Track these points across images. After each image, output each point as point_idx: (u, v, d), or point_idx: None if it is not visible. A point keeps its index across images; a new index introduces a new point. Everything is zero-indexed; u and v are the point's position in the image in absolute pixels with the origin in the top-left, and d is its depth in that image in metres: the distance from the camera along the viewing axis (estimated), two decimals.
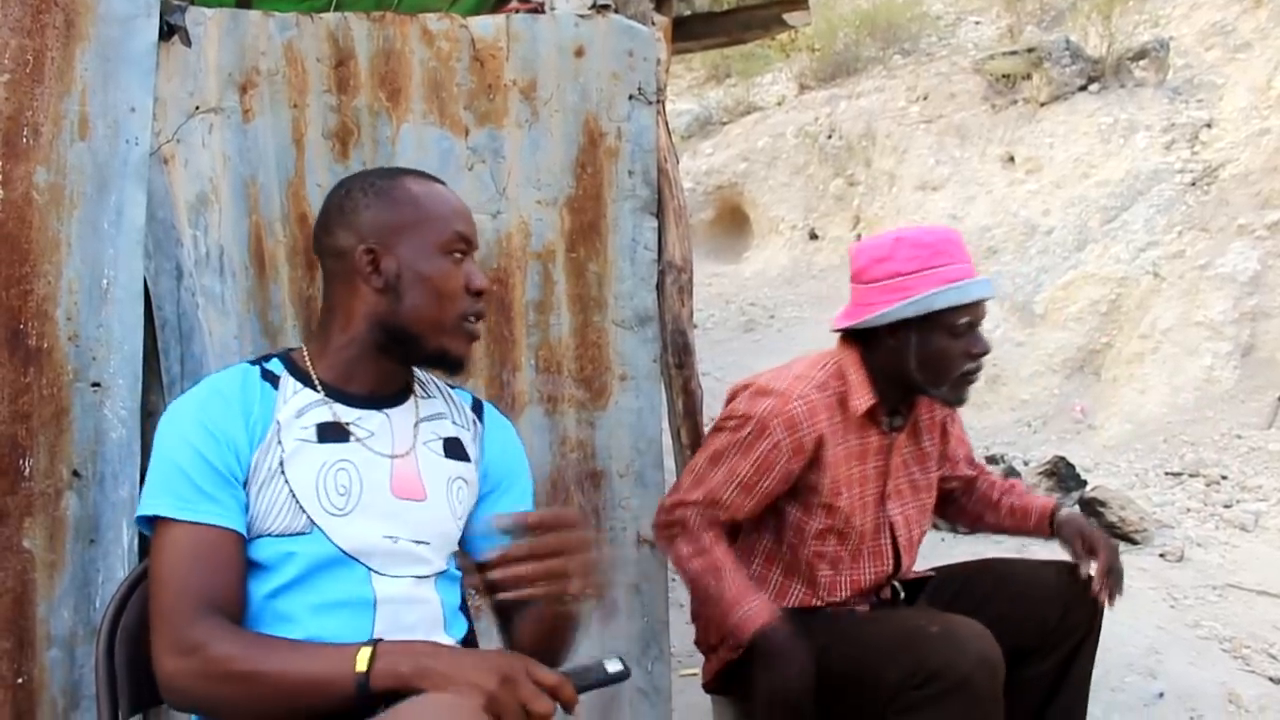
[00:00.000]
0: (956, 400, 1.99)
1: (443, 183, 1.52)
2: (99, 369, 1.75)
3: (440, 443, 1.51)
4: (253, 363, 1.46)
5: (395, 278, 1.42)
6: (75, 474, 1.73)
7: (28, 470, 1.69)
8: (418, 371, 1.57)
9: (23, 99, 1.67)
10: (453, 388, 1.62)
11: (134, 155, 1.76)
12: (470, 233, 1.49)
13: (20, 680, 1.70)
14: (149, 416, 1.81)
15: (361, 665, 1.20)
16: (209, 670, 1.24)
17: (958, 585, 2.08)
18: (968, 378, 1.96)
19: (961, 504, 2.32)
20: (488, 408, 1.64)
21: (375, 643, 1.23)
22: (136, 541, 1.76)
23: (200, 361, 1.85)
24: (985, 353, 1.96)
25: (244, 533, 1.34)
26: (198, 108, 1.87)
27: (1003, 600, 1.97)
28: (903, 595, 2.12)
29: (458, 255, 1.45)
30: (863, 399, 1.97)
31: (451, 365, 1.48)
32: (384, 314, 1.43)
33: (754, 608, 1.87)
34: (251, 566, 1.35)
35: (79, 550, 1.74)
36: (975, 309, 1.95)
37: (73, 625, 1.74)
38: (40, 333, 1.70)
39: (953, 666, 1.67)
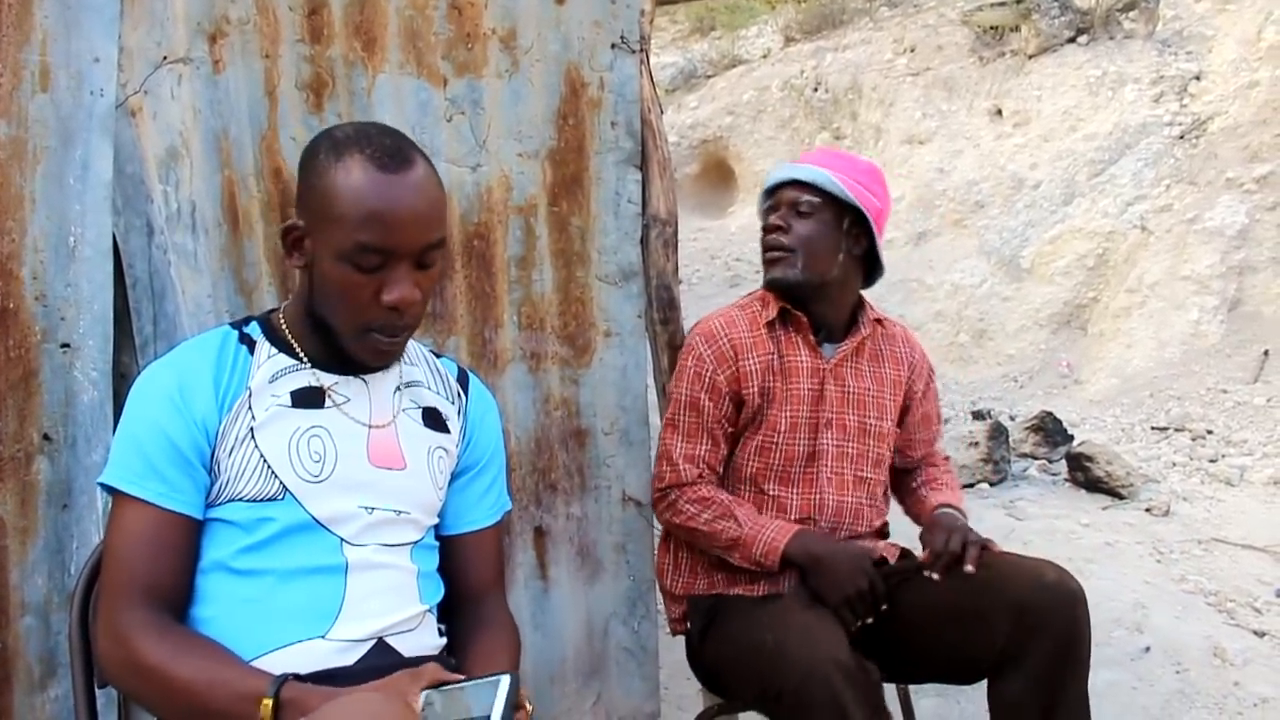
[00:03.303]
0: (768, 275, 2.02)
1: (409, 162, 1.29)
2: (68, 329, 1.69)
3: (419, 411, 1.47)
4: (234, 325, 1.42)
5: (311, 264, 1.33)
6: (46, 437, 1.69)
7: None
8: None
9: None
10: (438, 356, 1.57)
11: (99, 107, 1.70)
12: (387, 242, 1.27)
13: None
14: (121, 378, 1.77)
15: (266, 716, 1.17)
16: (130, 662, 1.23)
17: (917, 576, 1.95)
18: (765, 252, 2.04)
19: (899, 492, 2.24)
20: (473, 380, 1.59)
21: (280, 685, 1.18)
22: (111, 506, 1.72)
23: (174, 321, 1.80)
24: (772, 228, 2.02)
25: (197, 516, 1.31)
26: (165, 58, 1.80)
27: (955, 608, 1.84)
28: None
29: (366, 265, 1.28)
30: (772, 306, 2.03)
31: (360, 368, 1.40)
32: (307, 294, 1.36)
33: (770, 534, 1.91)
34: (224, 525, 1.32)
35: (51, 515, 1.70)
36: (774, 194, 2.04)
37: (47, 592, 1.70)
38: (5, 292, 1.64)
39: (785, 682, 1.65)
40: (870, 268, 2.07)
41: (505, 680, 1.21)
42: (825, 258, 1.99)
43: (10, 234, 1.64)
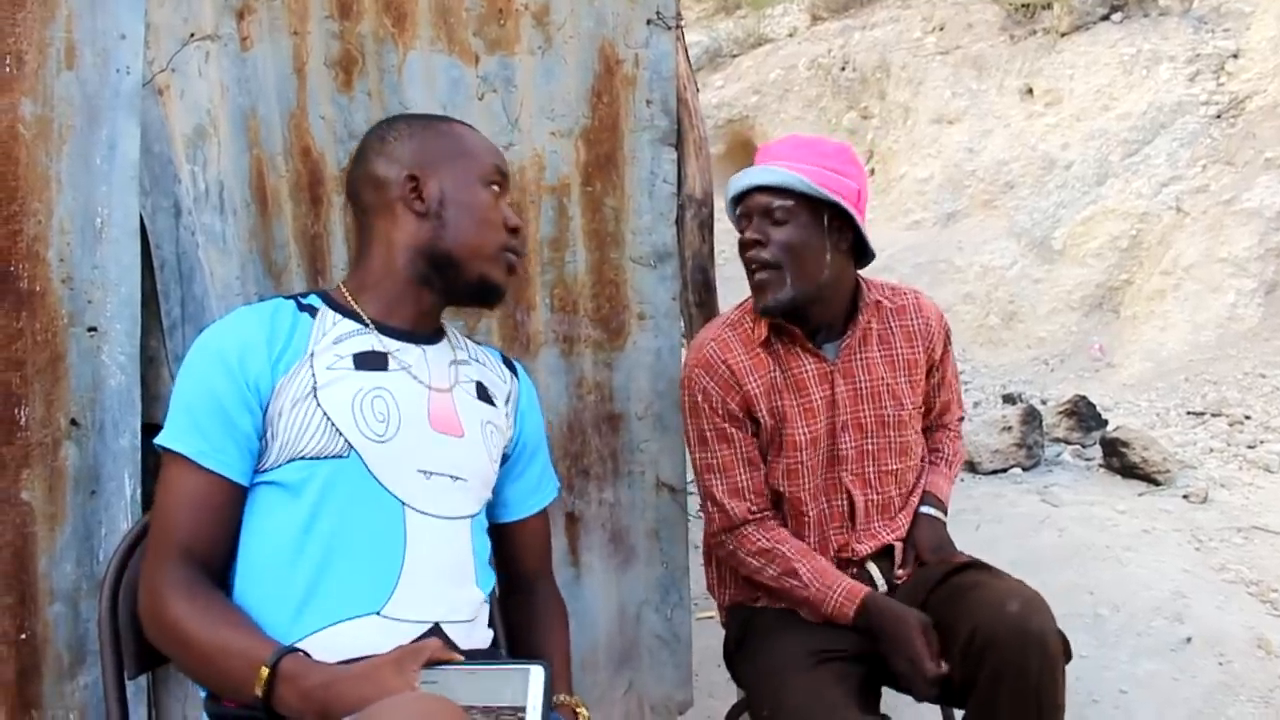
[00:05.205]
0: (758, 304, 1.87)
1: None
2: (95, 313, 1.66)
3: (473, 385, 1.50)
4: (288, 297, 1.45)
5: (439, 204, 1.43)
6: (73, 423, 1.65)
7: (23, 419, 1.62)
8: (447, 324, 1.56)
9: (3, 25, 1.56)
10: (479, 344, 1.61)
11: (125, 85, 1.65)
12: (507, 171, 1.52)
13: (24, 636, 1.64)
14: (149, 361, 1.74)
15: (259, 689, 1.17)
16: (159, 620, 1.26)
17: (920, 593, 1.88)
18: (748, 270, 1.89)
19: None
20: (519, 367, 1.64)
21: (280, 657, 1.18)
22: (139, 492, 1.69)
23: (201, 304, 1.77)
24: (749, 244, 1.87)
25: (238, 480, 1.32)
26: (193, 34, 1.76)
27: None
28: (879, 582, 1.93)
29: (495, 188, 1.48)
30: (763, 322, 1.91)
31: (491, 293, 1.48)
32: (426, 241, 1.43)
33: (838, 598, 1.81)
34: (282, 491, 1.32)
35: (79, 502, 1.67)
36: (743, 201, 1.90)
37: (76, 579, 1.68)
38: (32, 275, 1.61)
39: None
40: (860, 251, 1.93)
41: (538, 671, 1.16)
42: (814, 263, 1.84)
43: (36, 215, 1.60)
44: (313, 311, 1.42)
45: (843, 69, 8.70)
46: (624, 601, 2.28)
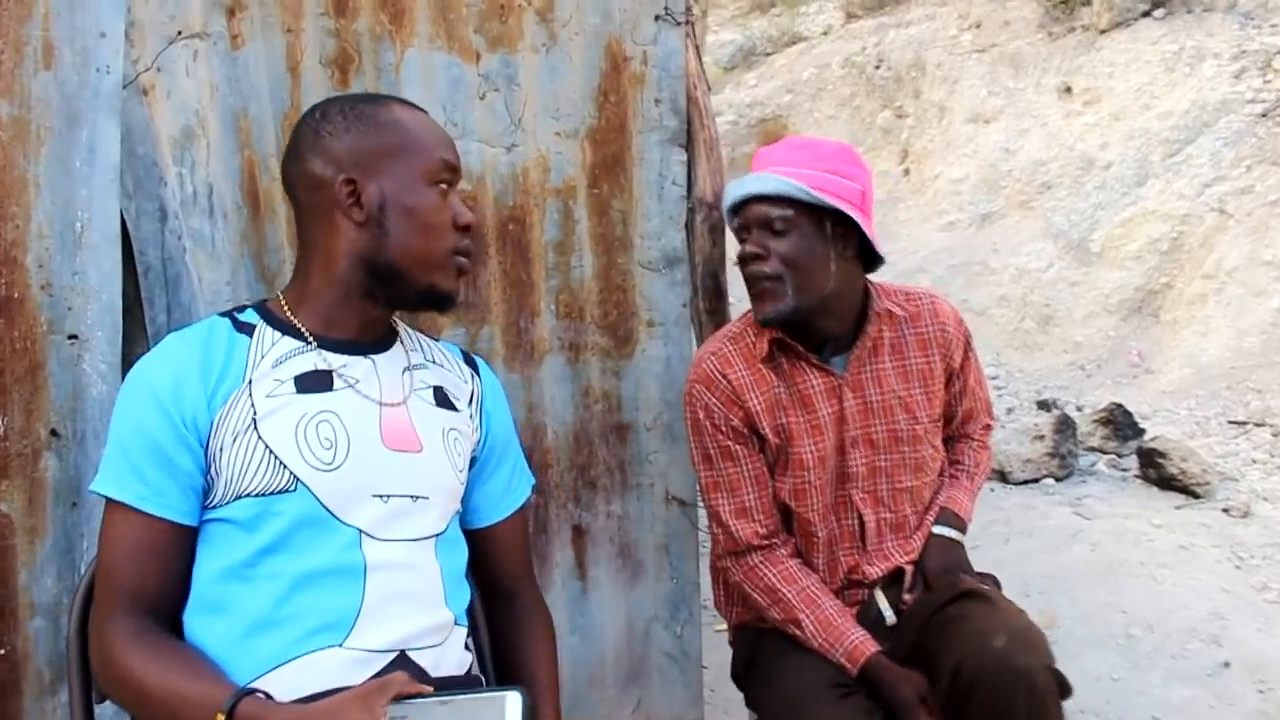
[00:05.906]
0: (758, 314, 1.77)
1: (425, 111, 1.42)
2: (75, 320, 1.61)
3: (430, 391, 1.41)
4: (223, 314, 1.35)
5: (379, 210, 1.31)
6: (53, 433, 1.61)
7: (2, 430, 1.58)
8: (399, 323, 1.47)
9: None
10: (435, 340, 1.52)
11: (106, 85, 1.61)
12: (456, 162, 1.38)
13: (3, 652, 1.61)
14: None
15: None
16: (109, 671, 1.20)
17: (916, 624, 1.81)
18: (750, 285, 1.78)
19: None
20: (480, 363, 1.54)
21: (237, 700, 1.12)
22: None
23: (189, 310, 1.72)
24: (748, 258, 1.76)
25: (183, 521, 1.24)
26: (180, 33, 1.71)
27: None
28: (885, 615, 1.85)
29: (444, 186, 1.35)
30: (763, 336, 1.82)
31: (441, 302, 1.38)
32: (366, 251, 1.32)
33: (840, 657, 1.73)
34: (231, 526, 1.25)
35: (60, 514, 1.63)
36: (740, 212, 1.78)
37: (57, 594, 1.64)
38: (10, 281, 1.57)
39: None
40: (869, 256, 1.82)
41: (514, 698, 1.11)
42: (817, 274, 1.74)
43: (14, 220, 1.56)
44: (250, 330, 1.32)
45: (877, 67, 8.58)
46: (632, 617, 2.21)
